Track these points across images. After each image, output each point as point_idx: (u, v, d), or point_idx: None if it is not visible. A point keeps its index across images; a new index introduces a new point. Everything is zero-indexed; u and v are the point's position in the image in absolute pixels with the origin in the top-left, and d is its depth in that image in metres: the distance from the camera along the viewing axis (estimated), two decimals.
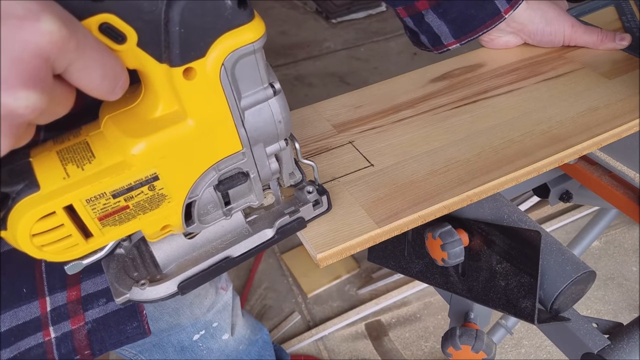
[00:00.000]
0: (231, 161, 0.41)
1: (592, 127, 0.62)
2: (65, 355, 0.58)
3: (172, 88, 0.35)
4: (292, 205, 0.49)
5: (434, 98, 0.68)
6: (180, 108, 0.37)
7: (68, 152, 0.37)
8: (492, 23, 0.70)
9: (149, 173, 0.37)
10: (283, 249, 1.84)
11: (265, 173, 0.44)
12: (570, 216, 1.84)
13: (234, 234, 0.47)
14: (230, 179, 0.42)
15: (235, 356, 0.93)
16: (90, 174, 0.36)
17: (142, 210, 0.39)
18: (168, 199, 0.39)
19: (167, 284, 0.45)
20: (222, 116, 0.38)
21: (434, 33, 0.73)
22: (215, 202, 0.43)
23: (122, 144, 0.36)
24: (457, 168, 0.57)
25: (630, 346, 0.64)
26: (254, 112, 0.40)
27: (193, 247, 0.46)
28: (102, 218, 0.37)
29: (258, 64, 0.38)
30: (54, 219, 0.35)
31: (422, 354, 1.54)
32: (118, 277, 0.45)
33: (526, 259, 0.56)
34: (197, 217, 0.43)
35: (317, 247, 0.49)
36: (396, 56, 2.76)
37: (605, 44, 0.74)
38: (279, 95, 0.40)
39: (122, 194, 0.37)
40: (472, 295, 0.62)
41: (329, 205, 0.51)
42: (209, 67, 0.35)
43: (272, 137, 0.42)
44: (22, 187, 0.35)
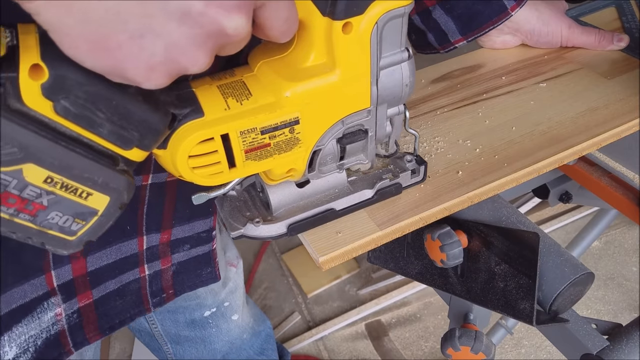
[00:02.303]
0: (357, 117, 0.45)
1: (592, 127, 0.61)
2: (155, 293, 0.64)
3: (328, 40, 0.39)
4: (389, 172, 0.52)
5: (434, 99, 0.68)
6: (330, 60, 0.40)
7: (227, 87, 0.41)
8: (498, 20, 0.70)
9: (294, 116, 0.41)
10: (283, 249, 1.84)
11: (381, 134, 0.48)
12: (570, 217, 1.84)
13: (337, 190, 0.51)
14: (352, 135, 0.46)
15: (239, 345, 0.93)
16: (247, 108, 0.39)
17: (279, 151, 0.42)
18: (301, 143, 0.43)
19: (279, 224, 0.49)
20: (363, 72, 0.42)
21: (441, 30, 0.73)
22: (334, 155, 0.47)
23: (276, 86, 0.40)
24: (457, 169, 0.57)
25: (629, 347, 0.64)
26: (388, 73, 0.43)
27: (302, 196, 0.50)
28: (248, 151, 0.41)
29: (402, 28, 0.41)
30: (211, 144, 0.39)
31: (422, 354, 1.54)
32: (232, 215, 0.50)
33: (525, 261, 0.56)
34: (318, 166, 0.47)
35: (319, 250, 0.49)
36: None
37: (603, 45, 0.74)
38: (411, 60, 0.44)
39: (269, 131, 0.40)
40: (471, 296, 0.62)
41: (424, 175, 0.54)
42: (363, 24, 0.39)
43: (396, 99, 0.46)
44: (188, 112, 0.38)
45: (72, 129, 0.34)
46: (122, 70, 0.31)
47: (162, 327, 0.85)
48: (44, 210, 0.35)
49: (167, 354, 0.90)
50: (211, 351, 0.90)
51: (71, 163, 0.34)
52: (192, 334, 0.86)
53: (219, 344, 0.90)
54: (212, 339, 0.89)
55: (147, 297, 0.63)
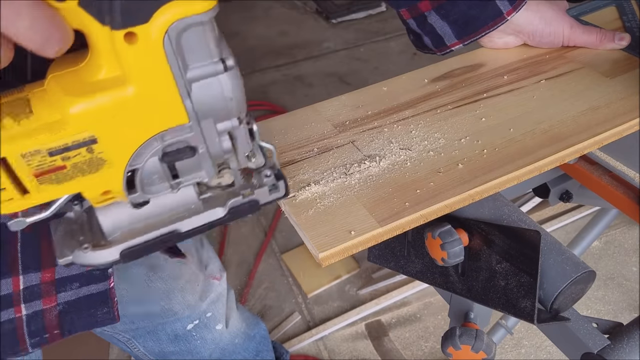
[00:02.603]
0: (177, 133, 0.41)
1: (593, 126, 0.61)
2: (35, 333, 0.60)
3: (114, 52, 0.35)
4: (248, 187, 0.48)
5: (435, 98, 0.68)
6: (122, 73, 0.36)
7: (7, 106, 0.37)
8: (494, 24, 0.70)
9: (87, 135, 0.37)
10: (283, 249, 1.84)
11: (216, 150, 0.44)
12: (570, 216, 1.84)
13: (185, 209, 0.46)
14: (177, 152, 0.42)
15: (231, 350, 0.93)
16: (25, 129, 0.36)
17: (81, 172, 0.39)
18: (108, 164, 0.39)
19: (110, 250, 0.44)
20: (164, 85, 0.38)
21: (437, 34, 0.73)
22: (161, 174, 0.43)
23: (61, 103, 0.36)
24: (458, 167, 0.57)
25: (630, 346, 0.64)
26: (201, 86, 0.39)
27: (140, 217, 0.45)
28: (38, 175, 0.37)
29: (207, 37, 0.37)
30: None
31: (422, 354, 1.54)
32: (64, 240, 0.46)
33: (526, 259, 0.56)
34: (141, 187, 0.43)
35: (319, 246, 0.49)
36: (396, 56, 2.76)
37: (605, 44, 0.74)
38: (232, 71, 0.39)
39: (58, 152, 0.37)
40: (471, 295, 0.62)
41: (286, 191, 0.50)
42: (152, 33, 0.35)
43: (223, 114, 0.41)
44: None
45: None
46: None
47: (144, 348, 0.84)
48: None
49: None
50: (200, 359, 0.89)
51: None
52: (178, 349, 0.86)
53: (207, 353, 0.89)
54: (199, 350, 0.88)
55: (23, 337, 0.60)
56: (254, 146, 0.46)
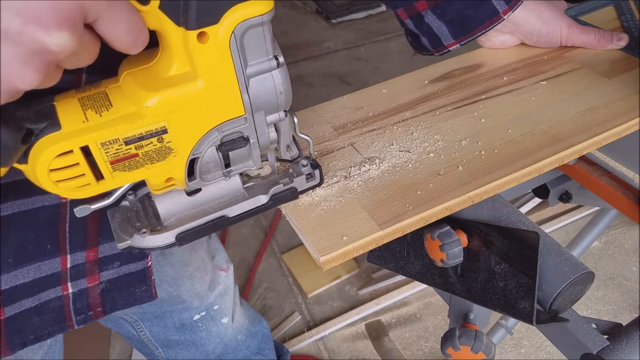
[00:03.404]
0: (234, 124, 0.45)
1: (592, 126, 0.62)
2: (80, 310, 0.62)
3: (187, 50, 0.39)
4: (286, 177, 0.53)
5: (434, 99, 0.68)
6: (192, 69, 0.40)
7: (88, 99, 0.41)
8: (490, 23, 0.70)
9: (159, 125, 0.41)
10: (283, 249, 1.84)
11: (264, 140, 0.48)
12: (570, 217, 1.84)
13: (231, 197, 0.51)
14: (232, 142, 0.46)
15: (234, 345, 0.93)
16: (106, 120, 0.40)
17: (150, 160, 0.42)
18: (174, 152, 0.43)
19: (166, 234, 0.48)
20: (228, 80, 0.42)
21: (434, 34, 0.73)
22: (217, 162, 0.47)
23: (137, 96, 0.40)
24: (458, 169, 0.57)
25: (630, 347, 0.64)
26: (257, 81, 0.43)
27: (193, 204, 0.50)
28: (113, 162, 0.41)
29: (265, 36, 0.41)
30: (70, 157, 0.39)
31: (422, 354, 1.54)
32: (121, 226, 0.50)
33: (525, 260, 0.56)
34: (199, 174, 0.47)
35: (320, 250, 0.49)
36: (396, 56, 2.76)
37: (603, 44, 0.74)
38: (282, 67, 0.44)
39: (133, 141, 0.40)
40: (471, 295, 0.62)
41: (321, 179, 0.54)
42: (220, 33, 0.39)
43: (273, 107, 0.46)
44: (45, 126, 0.38)
45: None
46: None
47: (150, 333, 0.85)
48: None
49: (159, 358, 0.90)
50: (204, 353, 0.90)
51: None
52: (182, 338, 0.86)
53: (210, 346, 0.90)
54: (203, 342, 0.89)
55: (70, 314, 0.62)
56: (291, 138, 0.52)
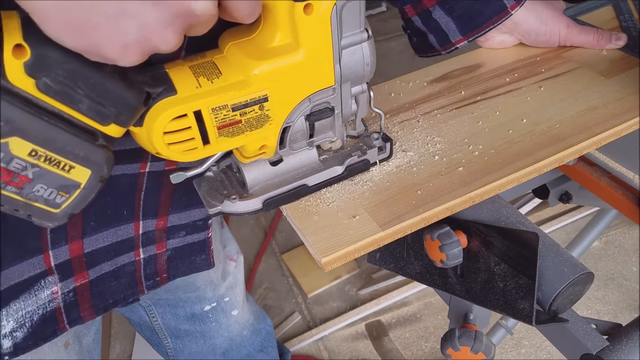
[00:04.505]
0: (323, 95, 0.47)
1: (592, 126, 0.61)
2: (150, 276, 0.67)
3: (291, 21, 0.42)
4: (358, 149, 0.55)
5: (434, 99, 0.68)
6: (294, 40, 0.43)
7: (199, 67, 0.43)
8: (498, 19, 0.70)
9: (262, 93, 0.43)
10: (283, 249, 1.84)
11: (347, 111, 0.51)
12: (570, 217, 1.84)
13: (309, 167, 0.54)
14: (319, 112, 0.49)
15: (239, 342, 0.94)
16: (218, 86, 0.42)
17: (250, 127, 0.45)
18: (271, 120, 0.45)
19: (254, 200, 0.51)
20: (326, 51, 0.44)
21: (442, 31, 0.73)
22: (304, 132, 0.49)
23: (245, 65, 0.43)
24: (458, 169, 0.57)
25: (629, 347, 0.64)
26: (349, 52, 0.46)
27: (276, 174, 0.53)
28: (220, 127, 0.43)
29: (360, 10, 0.44)
30: (184, 120, 0.41)
31: (422, 354, 1.54)
32: (210, 193, 0.53)
33: (524, 261, 0.56)
34: (288, 143, 0.50)
35: (321, 251, 0.49)
36: (396, 56, 2.76)
37: (602, 43, 0.74)
38: (371, 40, 0.47)
39: (239, 108, 0.43)
40: (470, 296, 0.62)
41: (391, 152, 0.57)
42: (324, 5, 0.42)
43: (359, 78, 0.48)
44: (162, 90, 0.40)
45: (54, 105, 0.36)
46: (99, 49, 0.34)
47: (162, 320, 0.86)
48: (29, 182, 0.37)
49: (167, 349, 0.90)
50: (211, 346, 0.90)
51: (53, 137, 0.36)
52: (192, 328, 0.87)
53: (218, 340, 0.90)
54: (212, 334, 0.89)
55: (141, 279, 0.66)
56: None
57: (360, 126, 0.56)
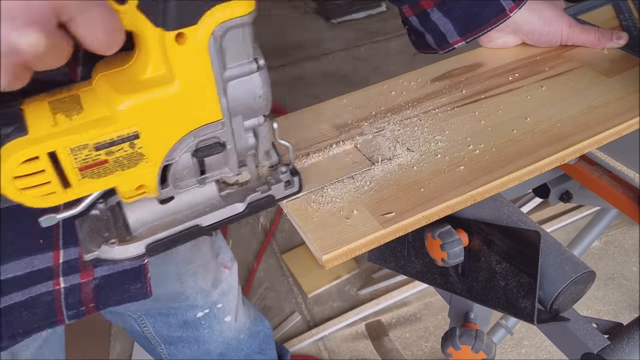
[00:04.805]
0: (210, 129, 0.43)
1: (593, 125, 0.61)
2: (72, 305, 0.61)
3: (163, 51, 0.38)
4: (264, 184, 0.51)
5: (435, 98, 0.68)
6: (168, 72, 0.39)
7: (59, 103, 0.39)
8: (497, 21, 0.70)
9: (132, 130, 0.39)
10: (283, 249, 1.84)
11: (242, 146, 0.46)
12: (570, 217, 1.84)
13: (206, 205, 0.49)
14: (208, 147, 0.44)
15: (235, 345, 0.93)
16: (77, 124, 0.38)
17: (121, 167, 0.40)
18: (146, 158, 0.41)
19: (137, 244, 0.46)
20: (206, 83, 0.40)
21: (440, 32, 0.73)
22: (191, 169, 0.45)
23: (110, 100, 0.38)
24: (459, 168, 0.57)
25: (630, 346, 0.64)
26: (236, 84, 0.42)
27: (165, 213, 0.48)
28: (82, 169, 0.39)
29: (245, 38, 0.40)
30: (36, 163, 0.37)
31: (422, 354, 1.54)
32: (90, 236, 0.47)
33: (526, 259, 0.56)
34: (172, 181, 0.45)
35: (322, 248, 0.49)
36: (397, 56, 2.76)
37: (603, 43, 0.74)
38: (262, 70, 0.42)
39: (104, 147, 0.38)
40: (471, 295, 0.62)
41: (300, 186, 0.53)
42: (199, 34, 0.37)
43: (252, 111, 0.44)
44: (11, 131, 0.36)
45: None
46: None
47: (154, 329, 0.85)
48: None
49: (162, 354, 0.90)
50: (205, 351, 0.90)
51: None
52: (185, 335, 0.87)
53: (213, 345, 0.90)
54: (206, 340, 0.89)
55: (61, 309, 0.61)
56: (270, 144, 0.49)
57: (275, 157, 0.51)
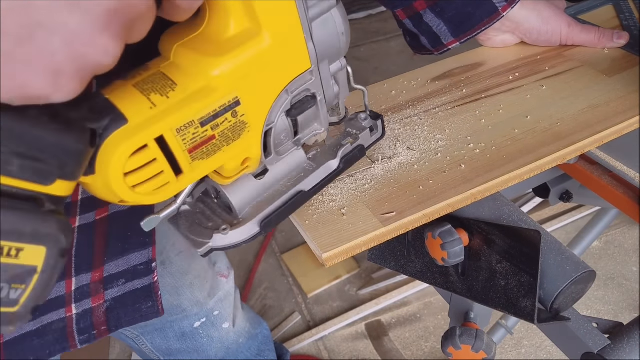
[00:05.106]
0: (301, 82, 0.40)
1: (593, 124, 0.61)
2: (84, 330, 0.60)
3: (245, 1, 0.34)
4: (347, 136, 0.48)
5: (436, 97, 0.68)
6: (254, 24, 0.35)
7: (146, 83, 0.34)
8: (490, 21, 0.70)
9: (232, 97, 0.36)
10: (283, 249, 1.84)
11: (330, 95, 0.44)
12: (570, 217, 1.84)
13: (300, 171, 0.47)
14: (301, 103, 0.42)
15: (235, 349, 0.93)
16: (177, 100, 0.34)
17: (227, 141, 0.37)
18: (248, 127, 0.38)
19: (249, 225, 0.44)
20: (294, 28, 0.37)
21: (434, 33, 0.73)
22: (288, 131, 0.43)
23: (202, 67, 0.35)
24: (460, 166, 0.57)
25: (631, 346, 0.64)
26: (320, 23, 0.40)
27: (264, 187, 0.45)
28: (191, 150, 0.35)
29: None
30: (147, 152, 0.33)
31: (422, 354, 1.54)
32: (193, 230, 0.44)
33: (526, 259, 0.56)
34: (274, 148, 0.42)
35: (322, 246, 0.49)
36: (396, 56, 2.76)
37: (603, 42, 0.74)
38: (340, 4, 0.40)
39: (209, 121, 0.35)
40: (472, 294, 0.62)
41: (383, 130, 0.50)
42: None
43: (336, 52, 0.42)
44: (108, 122, 0.32)
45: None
46: (23, 88, 0.25)
47: (152, 345, 0.85)
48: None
49: None
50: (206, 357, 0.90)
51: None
52: (184, 346, 0.86)
53: (213, 351, 0.90)
54: (205, 348, 0.89)
55: (73, 334, 0.60)
56: None
57: (343, 109, 0.48)
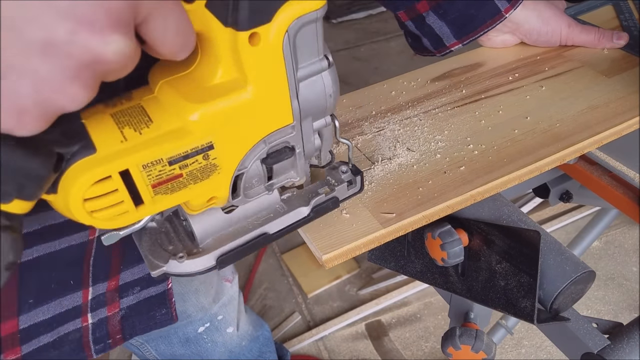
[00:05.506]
0: (280, 134, 0.41)
1: (593, 125, 0.61)
2: (99, 339, 0.60)
3: (234, 54, 0.35)
4: (325, 185, 0.49)
5: (435, 97, 0.68)
6: (241, 75, 0.36)
7: (123, 115, 0.35)
8: (492, 22, 0.70)
9: (206, 141, 0.36)
10: (283, 249, 1.84)
11: (309, 149, 0.44)
12: (570, 217, 1.83)
13: (270, 211, 0.47)
14: (278, 153, 0.42)
15: (238, 352, 0.93)
16: (148, 138, 0.34)
17: (194, 180, 0.38)
18: (219, 169, 0.38)
19: (206, 257, 0.44)
20: (279, 86, 0.38)
21: (436, 35, 0.73)
22: (260, 176, 0.43)
23: (181, 109, 0.35)
24: (460, 167, 0.57)
25: (630, 346, 0.64)
26: (308, 84, 0.40)
27: (230, 222, 0.45)
28: (155, 185, 0.36)
29: (317, 34, 0.37)
30: (109, 183, 0.34)
31: (422, 354, 1.54)
32: (152, 250, 0.44)
33: (526, 259, 0.56)
34: (243, 190, 0.42)
35: (322, 248, 0.49)
36: (397, 56, 2.76)
37: (603, 43, 0.74)
38: (332, 68, 0.40)
39: (178, 161, 0.36)
40: (471, 295, 0.62)
41: (361, 185, 0.50)
42: (273, 33, 0.35)
43: (321, 111, 0.42)
44: (77, 149, 0.33)
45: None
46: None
47: (156, 352, 0.85)
48: None
49: None
50: None
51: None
52: (189, 352, 0.86)
53: (216, 356, 0.90)
54: (209, 353, 0.89)
55: (89, 344, 0.60)
56: None
57: (327, 157, 0.48)
